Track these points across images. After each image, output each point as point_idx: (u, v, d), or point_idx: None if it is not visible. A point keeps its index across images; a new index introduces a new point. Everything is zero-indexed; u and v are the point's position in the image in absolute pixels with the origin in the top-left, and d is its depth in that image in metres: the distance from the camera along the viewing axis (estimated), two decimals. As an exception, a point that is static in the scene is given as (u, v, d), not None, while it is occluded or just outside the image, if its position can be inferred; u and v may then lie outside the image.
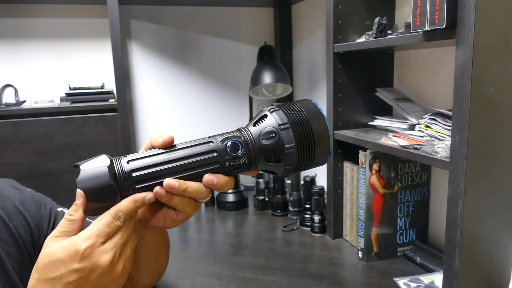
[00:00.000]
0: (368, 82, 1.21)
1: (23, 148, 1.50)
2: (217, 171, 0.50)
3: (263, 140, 0.50)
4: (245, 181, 1.79)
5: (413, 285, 0.95)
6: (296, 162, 0.51)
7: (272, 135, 0.50)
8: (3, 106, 1.58)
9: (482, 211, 0.78)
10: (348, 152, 1.20)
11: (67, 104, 1.57)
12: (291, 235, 1.31)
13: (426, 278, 0.97)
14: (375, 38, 1.00)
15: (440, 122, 0.91)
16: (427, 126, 0.94)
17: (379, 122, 1.18)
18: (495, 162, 0.77)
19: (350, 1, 1.14)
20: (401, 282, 0.97)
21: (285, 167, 0.51)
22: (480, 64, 0.71)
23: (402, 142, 0.92)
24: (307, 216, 1.36)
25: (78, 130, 1.55)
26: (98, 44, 1.73)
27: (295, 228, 1.36)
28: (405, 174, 1.10)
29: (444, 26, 0.72)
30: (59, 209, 0.69)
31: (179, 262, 1.14)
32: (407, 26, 0.89)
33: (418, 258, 1.08)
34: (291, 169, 0.51)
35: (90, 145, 1.57)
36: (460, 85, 0.73)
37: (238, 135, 0.51)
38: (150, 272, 0.68)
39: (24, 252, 0.60)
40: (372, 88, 1.21)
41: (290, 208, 1.46)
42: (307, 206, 1.37)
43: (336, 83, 1.17)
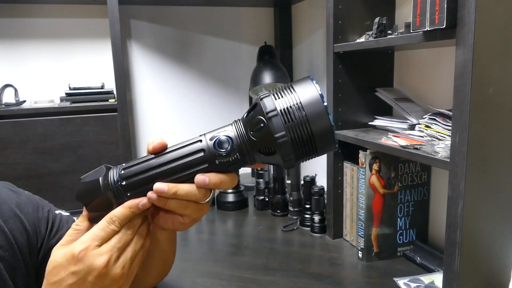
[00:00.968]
0: (368, 82, 1.21)
1: (23, 148, 1.50)
2: (208, 170, 0.48)
3: (252, 132, 0.46)
4: (245, 181, 1.79)
5: (413, 285, 0.95)
6: (293, 151, 0.45)
7: (260, 126, 0.45)
8: (3, 106, 1.58)
9: (482, 211, 0.78)
10: (348, 152, 1.20)
11: (67, 104, 1.57)
12: (291, 235, 1.31)
13: (426, 278, 0.97)
14: (375, 38, 1.00)
15: (440, 122, 0.91)
16: (427, 126, 0.94)
17: (379, 122, 1.18)
18: (495, 162, 0.77)
19: (350, 1, 1.14)
20: (401, 282, 0.97)
21: (283, 158, 0.46)
22: (480, 64, 0.71)
23: (402, 142, 0.92)
24: (307, 216, 1.36)
25: (78, 130, 1.55)
26: (98, 44, 1.73)
27: (295, 228, 1.36)
28: (405, 174, 1.10)
29: (444, 26, 0.72)
30: (57, 211, 0.68)
31: (179, 262, 1.14)
32: (407, 26, 0.89)
33: (418, 258, 1.08)
34: (291, 159, 0.46)
35: (90, 145, 1.57)
36: (460, 85, 0.73)
37: (229, 130, 0.49)
38: (157, 273, 0.68)
39: (18, 256, 0.59)
40: (372, 88, 1.21)
41: (290, 208, 1.46)
42: (307, 206, 1.37)
43: (336, 83, 1.17)
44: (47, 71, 1.69)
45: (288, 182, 1.57)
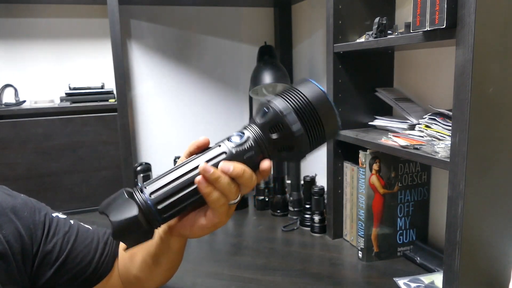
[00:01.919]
0: (368, 82, 1.21)
1: (23, 148, 1.50)
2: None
3: (271, 133, 0.50)
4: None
5: (413, 285, 0.95)
6: (308, 142, 0.50)
7: (279, 126, 0.50)
8: (3, 106, 1.58)
9: (482, 211, 0.78)
10: (348, 152, 1.20)
11: (67, 104, 1.57)
12: (291, 235, 1.31)
13: (426, 278, 0.97)
14: (375, 38, 1.00)
15: (440, 122, 0.91)
16: (427, 126, 0.94)
17: (379, 122, 1.18)
18: (495, 162, 0.77)
19: (350, 1, 1.14)
20: (401, 282, 0.97)
21: (300, 151, 0.51)
22: (480, 64, 0.71)
23: (402, 142, 0.92)
24: (307, 216, 1.36)
25: (78, 130, 1.55)
26: (98, 44, 1.73)
27: (295, 228, 1.36)
28: (405, 174, 1.10)
29: (444, 26, 0.72)
30: (54, 214, 0.66)
31: (179, 262, 1.14)
32: (407, 26, 0.89)
33: (418, 258, 1.08)
34: (307, 150, 0.51)
35: (90, 145, 1.57)
36: (460, 85, 0.73)
37: (247, 134, 0.51)
38: (160, 279, 0.68)
39: (12, 263, 0.57)
40: (372, 88, 1.21)
41: (290, 208, 1.46)
42: (307, 206, 1.37)
43: (336, 83, 1.17)
44: (47, 71, 1.69)
45: (288, 182, 1.57)
